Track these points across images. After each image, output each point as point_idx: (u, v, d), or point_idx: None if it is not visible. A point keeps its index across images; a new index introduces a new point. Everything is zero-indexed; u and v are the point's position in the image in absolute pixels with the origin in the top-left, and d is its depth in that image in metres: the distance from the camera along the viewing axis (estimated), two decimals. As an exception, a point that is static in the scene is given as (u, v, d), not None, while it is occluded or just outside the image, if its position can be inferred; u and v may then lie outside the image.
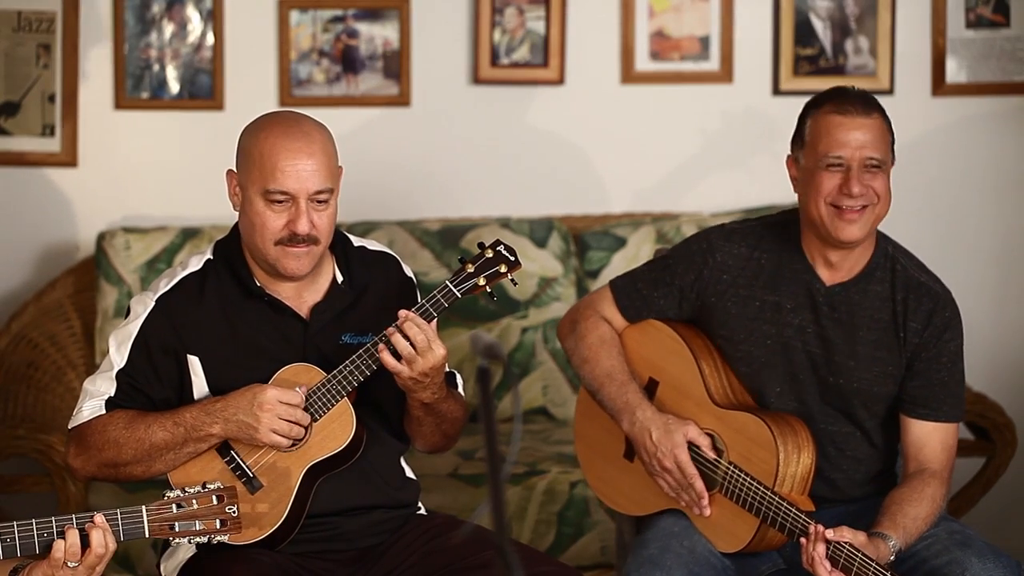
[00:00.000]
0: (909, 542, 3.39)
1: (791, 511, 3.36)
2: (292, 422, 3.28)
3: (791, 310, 3.53)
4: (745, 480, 3.43)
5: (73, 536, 2.97)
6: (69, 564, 2.98)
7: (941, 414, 3.51)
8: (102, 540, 2.99)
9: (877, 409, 3.54)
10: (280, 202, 3.28)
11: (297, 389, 3.29)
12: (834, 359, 3.51)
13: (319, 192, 3.29)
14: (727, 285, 3.56)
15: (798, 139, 3.51)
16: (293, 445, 3.31)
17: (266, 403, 3.26)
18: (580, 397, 3.79)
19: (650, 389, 3.63)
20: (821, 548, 3.29)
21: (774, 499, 3.39)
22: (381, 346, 3.28)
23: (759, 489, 3.41)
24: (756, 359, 3.55)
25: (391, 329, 3.28)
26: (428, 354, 3.27)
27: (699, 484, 3.48)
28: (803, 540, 3.33)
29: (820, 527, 3.31)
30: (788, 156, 3.55)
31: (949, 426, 3.52)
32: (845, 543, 3.28)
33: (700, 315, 3.62)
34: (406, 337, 3.26)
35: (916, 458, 3.51)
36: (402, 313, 3.28)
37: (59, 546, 2.97)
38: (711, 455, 3.49)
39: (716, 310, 3.57)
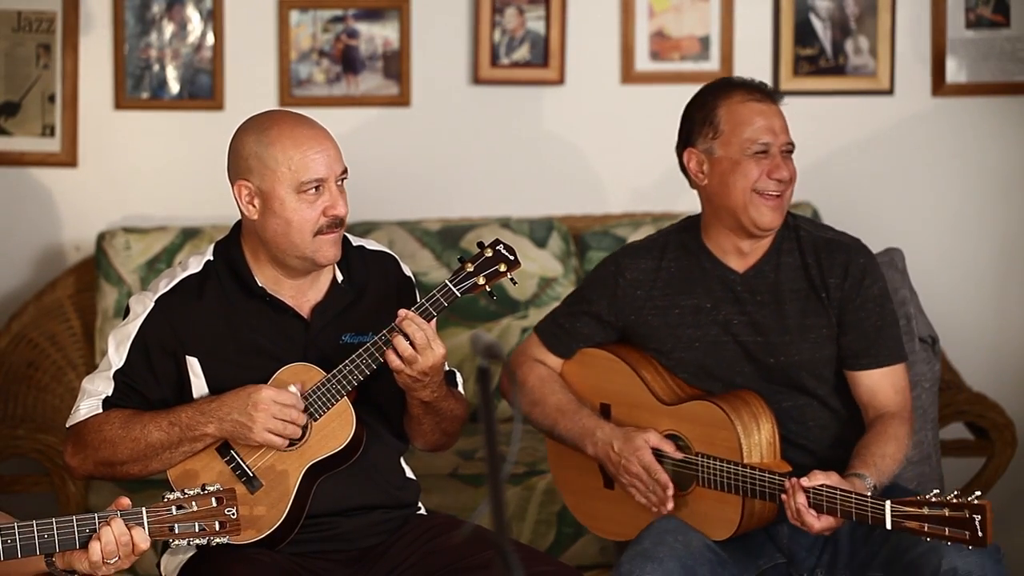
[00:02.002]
0: (883, 480, 3.44)
1: (764, 476, 3.40)
2: (287, 422, 3.28)
3: (711, 308, 3.57)
4: (716, 464, 3.46)
5: (108, 534, 2.97)
6: (109, 561, 2.98)
7: (883, 359, 3.55)
8: (123, 529, 2.99)
9: (825, 374, 3.58)
10: (314, 190, 3.29)
11: (292, 388, 3.29)
12: (769, 340, 3.55)
13: (343, 172, 3.35)
14: (643, 300, 3.61)
15: (707, 130, 3.54)
16: (291, 445, 3.31)
17: (261, 403, 3.26)
18: (549, 446, 3.84)
19: (604, 414, 3.68)
20: (802, 497, 3.33)
21: (744, 470, 3.43)
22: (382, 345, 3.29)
23: (729, 467, 3.44)
24: (690, 363, 3.59)
25: (391, 329, 3.29)
26: (427, 353, 3.27)
27: (663, 476, 3.53)
28: (783, 496, 3.35)
29: (795, 479, 3.34)
30: (688, 149, 3.57)
31: (896, 368, 3.57)
32: (822, 486, 3.29)
33: (626, 334, 3.67)
34: (406, 336, 3.27)
35: (872, 405, 3.56)
36: (401, 312, 3.29)
37: (95, 548, 2.97)
38: (678, 454, 3.52)
39: (639, 326, 3.63)
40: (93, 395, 3.37)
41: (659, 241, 3.67)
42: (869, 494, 3.35)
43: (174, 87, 5.13)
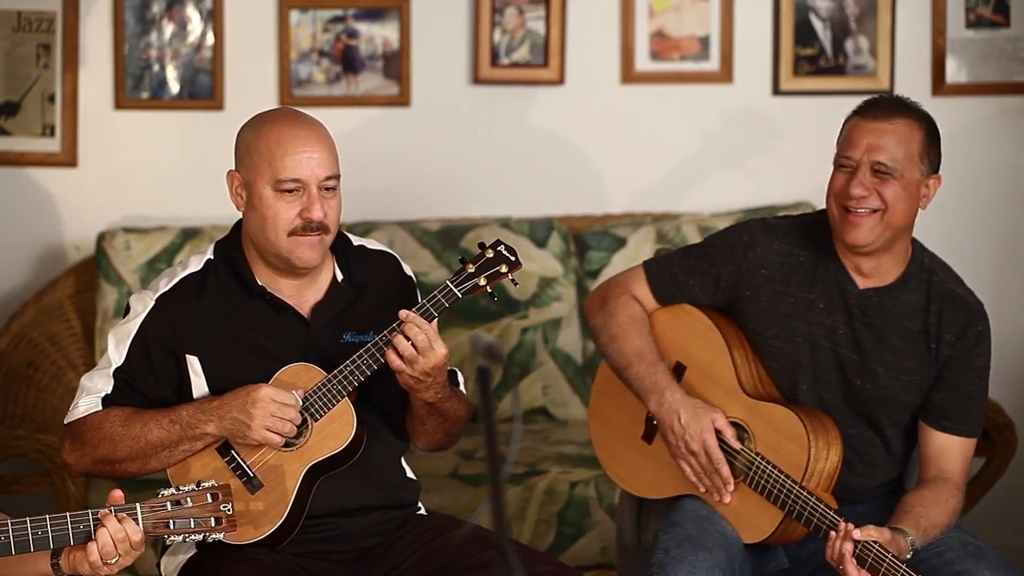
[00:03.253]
0: (923, 545, 3.40)
1: (819, 506, 3.36)
2: (285, 420, 3.28)
3: (824, 309, 3.52)
4: (773, 472, 3.42)
5: (104, 535, 2.97)
6: (110, 561, 2.98)
7: (964, 429, 3.51)
8: (117, 527, 2.98)
9: (900, 418, 3.53)
10: (291, 191, 3.30)
11: (293, 392, 3.30)
12: (863, 363, 3.50)
13: (328, 178, 3.32)
14: (764, 280, 3.55)
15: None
16: (291, 445, 3.31)
17: (259, 400, 3.26)
18: (599, 376, 3.76)
19: (677, 373, 3.61)
20: (849, 546, 3.29)
21: (802, 493, 3.38)
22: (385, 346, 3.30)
23: (787, 482, 3.40)
24: (785, 355, 3.54)
25: (392, 330, 3.29)
26: (429, 354, 3.27)
27: (725, 469, 3.47)
28: (832, 534, 3.32)
29: (851, 525, 3.30)
30: None
31: (970, 440, 3.52)
32: (874, 543, 3.27)
33: (732, 306, 3.61)
34: (407, 338, 3.27)
35: (937, 466, 3.50)
36: (403, 313, 3.29)
37: (92, 548, 2.97)
38: (737, 444, 3.48)
39: (749, 303, 3.56)
40: (92, 392, 3.37)
41: (796, 227, 3.59)
42: (909, 556, 3.33)
43: (174, 87, 5.13)
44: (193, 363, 3.36)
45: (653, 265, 3.68)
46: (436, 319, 3.33)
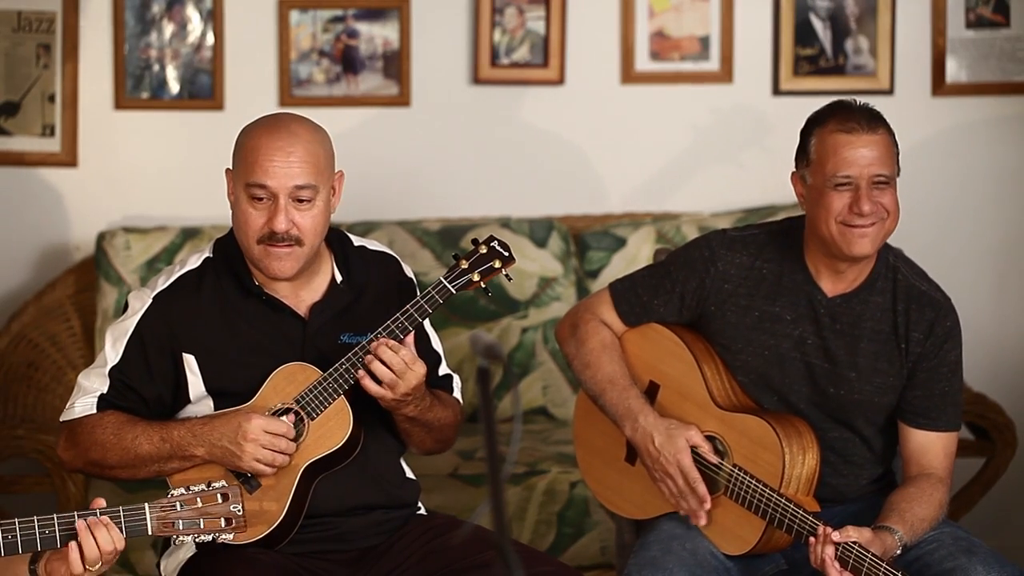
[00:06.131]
0: (913, 541, 3.40)
1: (798, 513, 3.36)
2: (277, 452, 3.27)
3: (791, 321, 3.51)
4: (750, 482, 3.42)
5: (89, 543, 2.96)
6: (91, 568, 2.97)
7: (942, 424, 3.51)
8: (108, 537, 2.98)
9: (877, 419, 3.53)
10: (261, 199, 3.28)
11: (283, 418, 3.29)
12: (835, 371, 3.50)
13: (300, 189, 3.27)
14: (728, 294, 3.55)
15: (803, 157, 3.47)
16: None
17: (250, 433, 3.25)
18: (579, 401, 3.78)
19: (651, 392, 3.61)
20: (830, 550, 3.29)
21: (780, 501, 3.38)
22: (361, 372, 3.28)
23: (765, 491, 3.40)
24: (753, 369, 3.54)
25: (369, 357, 3.28)
26: (408, 375, 3.27)
27: (701, 488, 3.47)
28: (812, 540, 3.33)
29: (828, 529, 3.30)
30: (793, 173, 3.51)
31: (950, 434, 3.53)
32: (853, 543, 3.28)
33: (699, 321, 3.61)
34: (383, 362, 3.27)
35: (918, 463, 3.51)
36: (374, 345, 3.28)
37: (75, 558, 2.96)
38: (714, 459, 3.48)
39: (715, 318, 3.56)
40: (88, 392, 3.36)
41: (759, 238, 3.58)
42: (899, 552, 3.34)
43: (174, 87, 5.13)
44: (190, 362, 3.36)
45: (618, 287, 3.68)
46: (412, 333, 3.32)
